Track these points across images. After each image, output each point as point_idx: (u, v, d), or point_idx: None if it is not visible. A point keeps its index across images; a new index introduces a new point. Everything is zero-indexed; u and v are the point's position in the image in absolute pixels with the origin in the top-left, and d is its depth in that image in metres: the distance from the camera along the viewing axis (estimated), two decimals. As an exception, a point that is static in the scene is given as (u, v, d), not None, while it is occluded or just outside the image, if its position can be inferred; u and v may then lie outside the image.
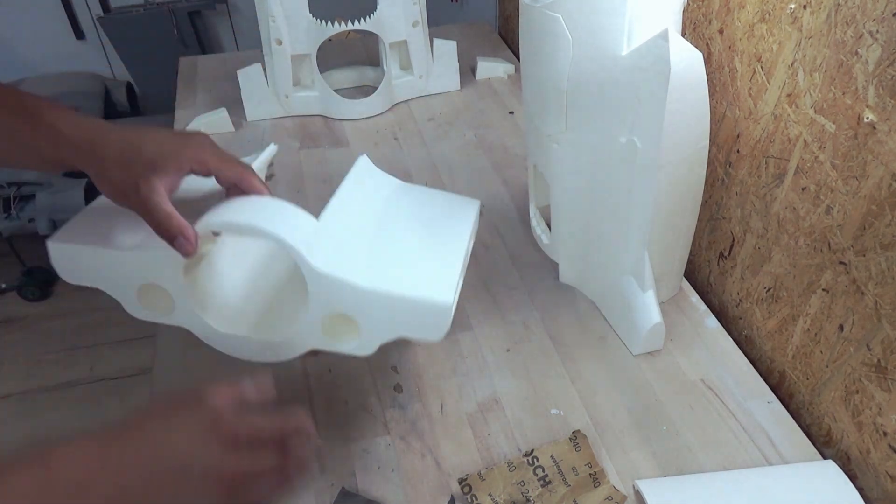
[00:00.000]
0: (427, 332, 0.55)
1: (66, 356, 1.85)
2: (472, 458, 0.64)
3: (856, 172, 0.57)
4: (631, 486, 0.61)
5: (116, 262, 0.58)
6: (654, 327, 0.71)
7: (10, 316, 1.98)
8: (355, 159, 0.66)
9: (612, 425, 0.67)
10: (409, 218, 0.64)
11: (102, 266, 0.59)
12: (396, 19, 1.12)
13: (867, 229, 0.56)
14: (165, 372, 0.73)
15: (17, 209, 1.93)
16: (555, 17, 0.61)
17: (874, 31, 0.52)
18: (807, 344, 0.67)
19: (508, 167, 1.05)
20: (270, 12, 1.07)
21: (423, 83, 1.23)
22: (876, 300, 0.57)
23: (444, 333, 0.54)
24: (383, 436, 0.66)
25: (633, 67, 0.61)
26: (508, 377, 0.72)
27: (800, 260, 0.66)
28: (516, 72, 1.31)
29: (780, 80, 0.64)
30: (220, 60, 1.42)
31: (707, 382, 0.70)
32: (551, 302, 0.80)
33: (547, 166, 0.74)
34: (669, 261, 0.75)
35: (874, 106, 0.53)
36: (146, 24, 2.10)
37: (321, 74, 1.16)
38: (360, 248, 0.58)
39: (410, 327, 0.56)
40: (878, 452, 0.59)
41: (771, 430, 0.66)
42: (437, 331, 0.54)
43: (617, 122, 0.64)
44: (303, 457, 0.48)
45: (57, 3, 2.12)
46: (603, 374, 0.72)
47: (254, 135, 1.16)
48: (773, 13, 0.64)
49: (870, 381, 0.59)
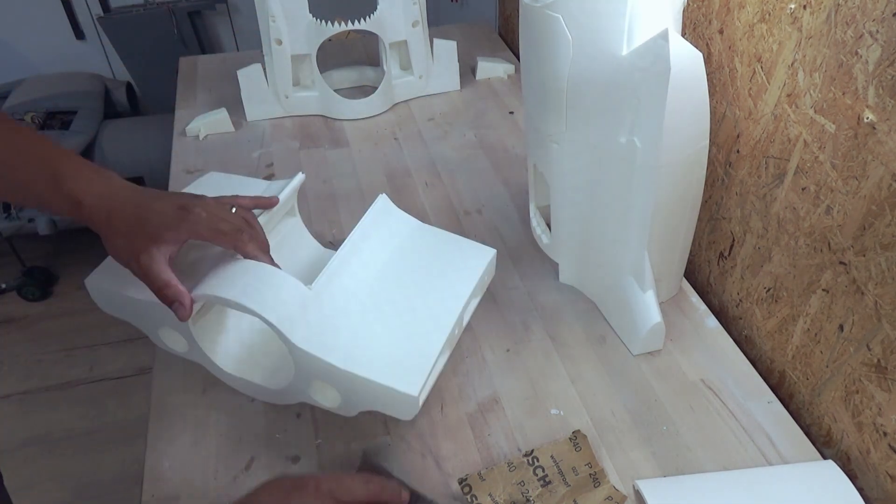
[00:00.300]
0: (397, 413, 0.59)
1: (66, 356, 1.85)
2: (472, 458, 0.64)
3: (856, 172, 0.57)
4: (631, 486, 0.61)
5: (138, 307, 0.64)
6: (653, 327, 0.71)
7: (10, 316, 1.98)
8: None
9: (612, 425, 0.67)
10: (412, 276, 0.67)
11: (128, 307, 0.66)
12: (396, 19, 1.12)
13: (867, 229, 0.56)
14: (165, 372, 0.73)
15: (16, 209, 1.93)
16: (555, 17, 0.61)
17: (874, 31, 0.52)
18: (807, 344, 0.67)
19: (508, 167, 1.05)
20: (270, 12, 1.07)
21: (423, 83, 1.23)
22: (876, 300, 0.57)
23: (413, 416, 0.59)
24: (383, 436, 0.66)
25: (633, 67, 0.61)
26: (508, 377, 0.72)
27: (800, 260, 0.66)
28: (516, 72, 1.31)
29: (780, 80, 0.64)
30: (220, 60, 1.42)
31: (707, 382, 0.70)
32: (551, 302, 0.80)
33: (547, 166, 0.74)
34: (669, 261, 0.75)
35: (874, 106, 0.53)
36: (146, 24, 2.10)
37: (321, 74, 1.16)
38: (347, 318, 0.62)
39: (382, 405, 0.60)
40: (878, 452, 0.59)
41: (771, 430, 0.66)
42: (405, 413, 0.59)
43: (617, 122, 0.64)
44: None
45: (57, 3, 2.12)
46: (603, 374, 0.72)
47: (254, 135, 1.16)
48: (773, 13, 0.64)
49: (870, 381, 0.59)
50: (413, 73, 1.21)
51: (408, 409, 0.58)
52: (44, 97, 1.99)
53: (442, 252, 0.69)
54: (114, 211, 0.58)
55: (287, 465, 0.64)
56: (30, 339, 1.91)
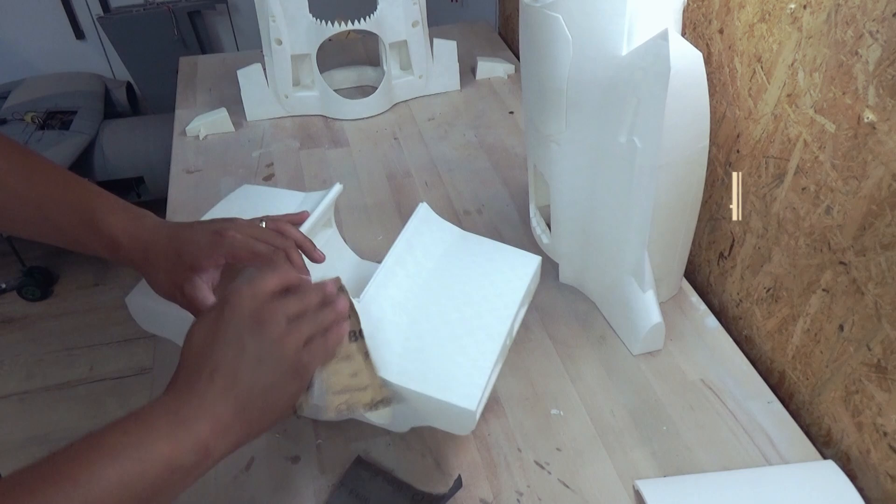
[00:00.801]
0: (453, 428, 0.57)
1: (66, 356, 1.85)
2: (472, 458, 0.64)
3: (856, 172, 0.57)
4: (630, 486, 0.61)
5: (177, 322, 0.63)
6: (654, 327, 0.71)
7: (10, 316, 1.98)
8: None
9: (612, 425, 0.67)
10: (459, 285, 0.64)
11: (166, 323, 0.67)
12: (396, 19, 1.12)
13: (867, 229, 0.56)
14: (165, 372, 0.72)
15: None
16: (555, 17, 0.61)
17: (874, 31, 0.52)
18: (807, 344, 0.67)
19: (508, 167, 1.05)
20: (270, 12, 1.07)
21: (423, 83, 1.23)
22: (876, 300, 0.57)
23: (470, 430, 0.56)
24: (383, 436, 0.66)
25: (633, 67, 0.61)
26: (508, 377, 0.72)
27: (800, 260, 0.66)
28: (516, 72, 1.31)
29: (780, 80, 0.64)
30: (220, 60, 1.42)
31: (707, 382, 0.70)
32: (551, 302, 0.80)
33: (547, 166, 0.74)
34: (669, 261, 0.75)
35: (874, 106, 0.53)
36: (146, 24, 2.10)
37: (321, 74, 1.16)
38: (397, 330, 0.59)
39: (437, 421, 0.58)
40: (878, 452, 0.59)
41: (771, 430, 0.66)
42: (462, 428, 0.56)
43: (617, 122, 0.64)
44: (344, 306, 0.53)
45: (57, 3, 2.12)
46: (603, 374, 0.72)
47: (254, 135, 1.16)
48: (773, 13, 0.64)
49: (870, 381, 0.59)
50: (413, 73, 1.21)
51: (465, 425, 0.55)
52: (44, 97, 1.99)
53: (486, 260, 0.67)
54: (150, 247, 0.59)
55: (287, 465, 0.64)
56: (30, 339, 1.91)
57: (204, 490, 0.62)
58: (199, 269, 0.58)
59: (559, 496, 0.61)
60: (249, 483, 0.62)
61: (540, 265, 0.68)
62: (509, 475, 0.63)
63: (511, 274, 0.66)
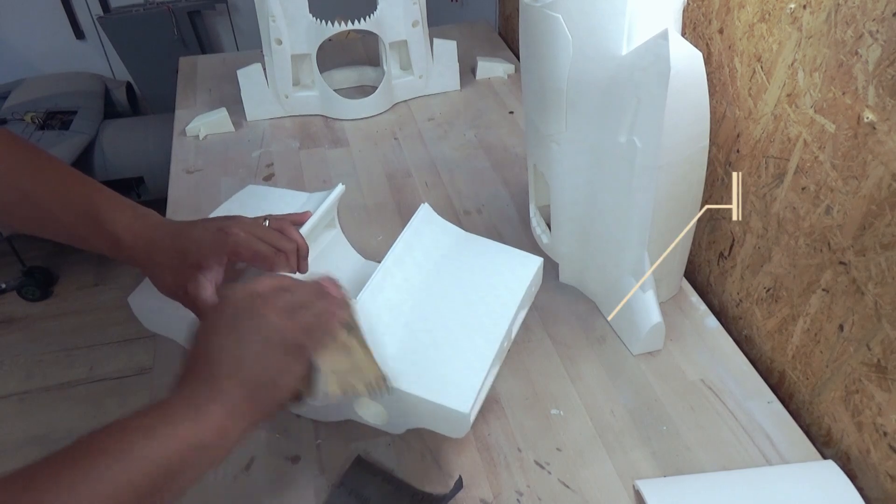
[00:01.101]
0: (447, 430, 0.57)
1: (66, 356, 1.85)
2: (472, 458, 0.64)
3: (856, 172, 0.57)
4: (630, 486, 0.61)
5: (179, 321, 0.64)
6: (654, 327, 0.71)
7: (10, 316, 1.98)
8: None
9: (612, 425, 0.67)
10: (458, 287, 0.64)
11: (169, 322, 0.67)
12: (396, 19, 1.12)
13: (867, 229, 0.56)
14: (165, 372, 0.73)
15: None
16: (555, 17, 0.61)
17: (874, 31, 0.52)
18: (807, 344, 0.67)
19: (508, 167, 1.05)
20: (270, 12, 1.07)
21: (423, 83, 1.23)
22: (876, 300, 0.57)
23: (464, 433, 0.56)
24: (383, 436, 0.66)
25: (633, 67, 0.61)
26: (508, 377, 0.72)
27: (800, 260, 0.66)
28: (516, 72, 1.31)
29: (780, 80, 0.64)
30: (220, 60, 1.42)
31: (707, 382, 0.70)
32: (551, 302, 0.80)
33: (547, 166, 0.74)
34: (669, 261, 0.75)
35: (874, 106, 0.53)
36: (146, 24, 2.10)
37: (321, 74, 1.16)
38: (393, 333, 0.59)
39: (431, 423, 0.58)
40: (878, 452, 0.59)
41: (771, 430, 0.66)
42: (456, 431, 0.56)
43: (617, 122, 0.64)
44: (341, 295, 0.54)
45: (57, 3, 2.12)
46: (603, 374, 0.72)
47: (254, 135, 1.16)
48: (772, 13, 0.64)
49: (870, 381, 0.59)
50: (413, 73, 1.21)
51: (458, 428, 0.56)
52: (44, 97, 1.99)
53: (487, 262, 0.67)
54: (153, 246, 0.59)
55: (287, 465, 0.64)
56: (30, 339, 1.91)
57: (204, 490, 0.62)
58: (203, 268, 0.58)
59: (559, 496, 0.61)
60: (249, 483, 0.62)
61: (541, 266, 0.68)
62: (509, 475, 0.63)
63: (510, 275, 0.65)
